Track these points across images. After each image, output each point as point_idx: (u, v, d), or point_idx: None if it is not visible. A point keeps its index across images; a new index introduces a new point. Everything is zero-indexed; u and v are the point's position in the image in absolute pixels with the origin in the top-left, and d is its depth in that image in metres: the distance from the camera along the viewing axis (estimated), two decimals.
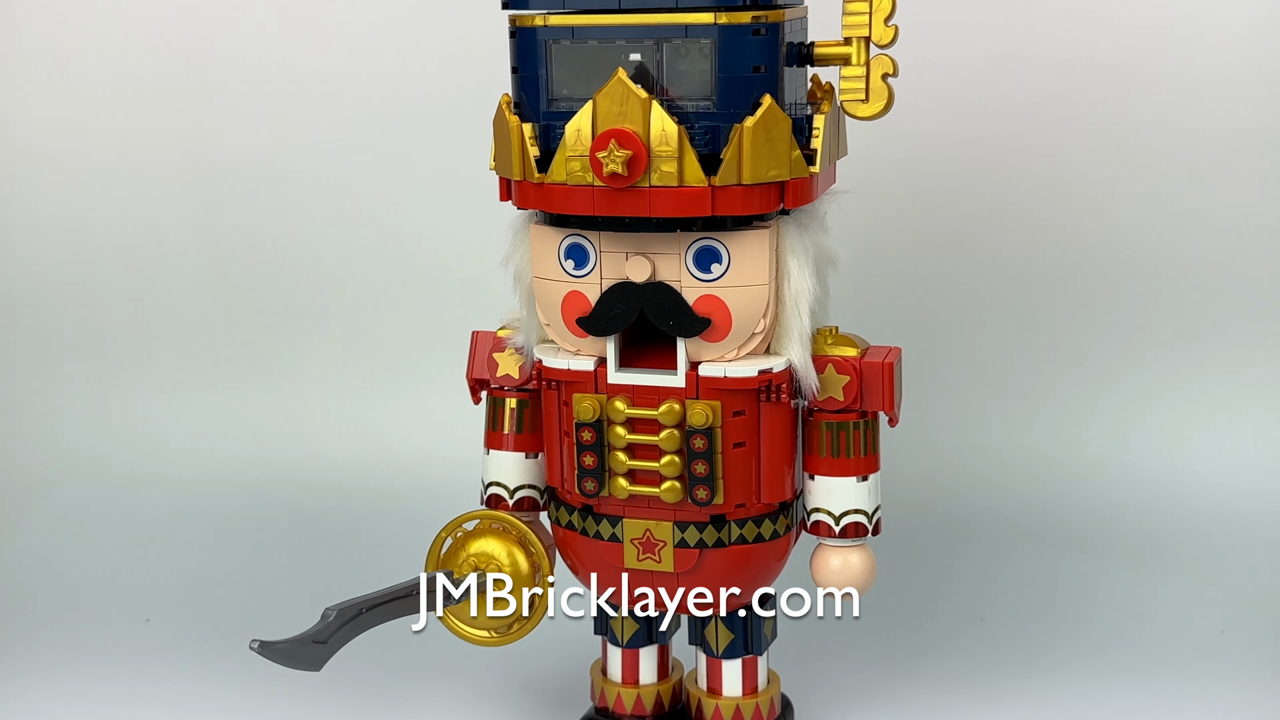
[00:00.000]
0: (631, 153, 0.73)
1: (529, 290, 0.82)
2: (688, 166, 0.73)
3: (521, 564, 0.84)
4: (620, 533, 0.81)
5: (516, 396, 0.86)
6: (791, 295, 0.78)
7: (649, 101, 0.73)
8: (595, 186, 0.74)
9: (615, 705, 0.89)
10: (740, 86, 0.74)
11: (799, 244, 0.78)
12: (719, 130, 0.74)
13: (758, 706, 0.88)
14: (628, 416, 0.79)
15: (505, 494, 0.86)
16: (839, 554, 0.82)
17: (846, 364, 0.80)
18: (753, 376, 0.78)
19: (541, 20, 0.76)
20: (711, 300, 0.77)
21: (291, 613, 0.92)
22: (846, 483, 0.81)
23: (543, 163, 0.77)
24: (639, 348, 0.80)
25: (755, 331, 0.78)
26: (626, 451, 0.79)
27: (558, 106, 0.77)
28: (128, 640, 1.08)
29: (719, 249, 0.76)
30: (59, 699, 1.00)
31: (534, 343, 0.83)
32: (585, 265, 0.78)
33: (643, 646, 0.89)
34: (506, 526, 0.85)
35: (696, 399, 0.78)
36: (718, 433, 0.78)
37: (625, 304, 0.77)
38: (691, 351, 0.78)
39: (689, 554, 0.81)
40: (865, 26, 0.78)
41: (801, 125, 0.78)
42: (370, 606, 0.78)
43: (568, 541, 0.84)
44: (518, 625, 0.86)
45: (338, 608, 0.76)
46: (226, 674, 1.01)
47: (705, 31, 0.74)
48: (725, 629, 0.86)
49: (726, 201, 0.74)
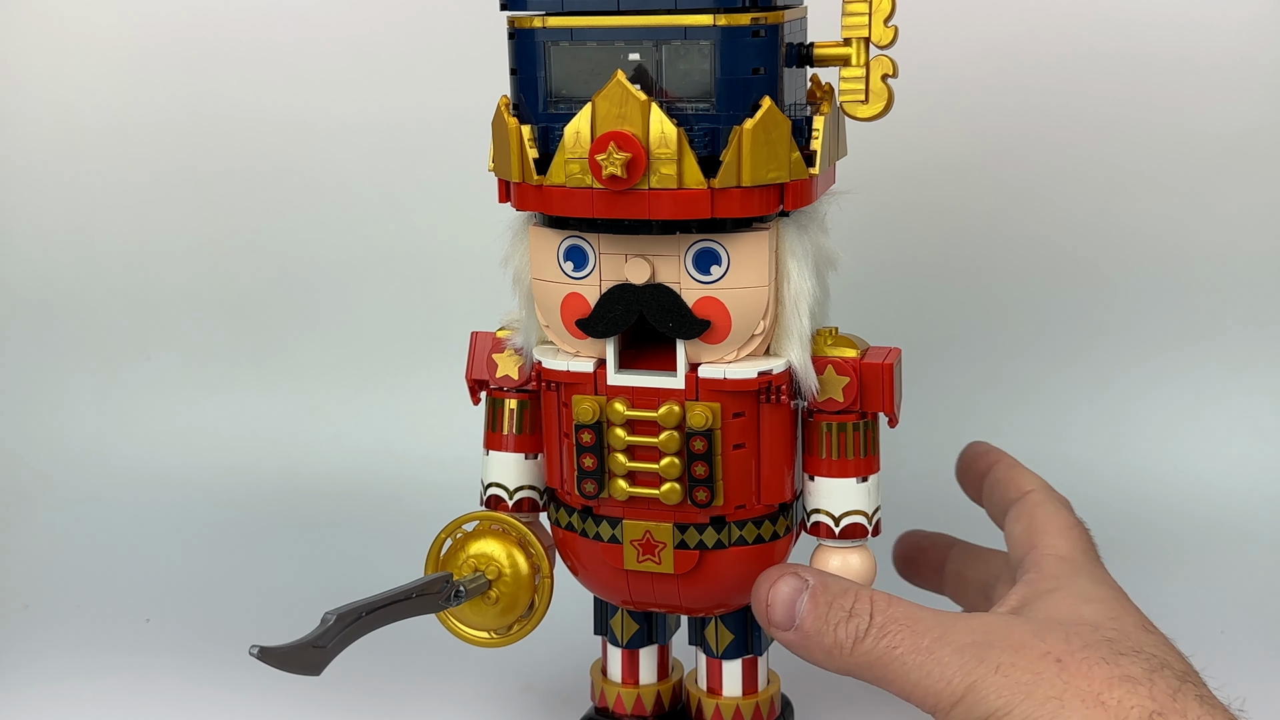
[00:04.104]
0: (631, 155, 0.72)
1: (528, 291, 0.82)
2: (687, 169, 0.73)
3: (521, 565, 0.84)
4: (620, 534, 0.81)
5: (516, 397, 0.86)
6: (791, 297, 0.78)
7: (648, 104, 0.73)
8: (594, 189, 0.74)
9: (615, 705, 0.89)
10: (740, 88, 0.74)
11: (798, 245, 0.78)
12: (718, 132, 0.74)
13: (758, 706, 0.88)
14: (627, 418, 0.79)
15: (505, 495, 0.86)
16: (839, 555, 0.82)
17: (846, 365, 0.80)
18: (752, 378, 0.78)
19: (540, 22, 0.76)
20: (711, 302, 0.77)
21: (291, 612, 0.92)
22: (846, 484, 0.81)
23: (541, 164, 0.77)
24: (638, 349, 0.80)
25: (755, 333, 0.78)
26: (626, 453, 0.79)
27: (556, 108, 0.77)
28: (128, 640, 1.08)
29: (718, 251, 0.76)
30: (59, 699, 1.00)
31: (533, 344, 0.83)
32: (584, 267, 0.78)
33: (643, 647, 0.89)
34: (506, 528, 0.85)
35: (696, 401, 0.78)
36: (717, 434, 0.78)
37: (625, 306, 0.77)
38: (691, 353, 0.78)
39: (689, 555, 0.81)
40: (865, 27, 0.78)
41: (801, 126, 0.78)
42: (370, 610, 0.78)
43: (567, 543, 0.84)
44: (518, 626, 0.86)
45: (337, 612, 0.76)
46: (226, 674, 1.01)
47: (705, 33, 0.74)
48: (725, 629, 0.86)
49: (726, 203, 0.74)
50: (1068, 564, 0.79)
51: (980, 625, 0.72)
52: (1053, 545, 0.81)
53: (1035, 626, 0.72)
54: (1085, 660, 0.69)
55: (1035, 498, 0.86)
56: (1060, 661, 0.69)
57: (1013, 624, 0.72)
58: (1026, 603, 0.76)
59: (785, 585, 0.75)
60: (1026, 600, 0.76)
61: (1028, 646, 0.70)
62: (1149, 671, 0.69)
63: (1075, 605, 0.75)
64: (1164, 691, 0.68)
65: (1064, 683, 0.68)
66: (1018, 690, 0.68)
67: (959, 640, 0.71)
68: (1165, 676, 0.69)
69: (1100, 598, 0.76)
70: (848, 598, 0.74)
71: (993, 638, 0.71)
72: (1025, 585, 0.78)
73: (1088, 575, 0.78)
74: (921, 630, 0.71)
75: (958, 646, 0.70)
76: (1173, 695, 0.68)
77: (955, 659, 0.70)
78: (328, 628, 0.76)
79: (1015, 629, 0.71)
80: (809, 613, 0.74)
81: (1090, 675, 0.68)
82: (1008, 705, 0.67)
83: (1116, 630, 0.72)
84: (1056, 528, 0.83)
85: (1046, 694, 0.67)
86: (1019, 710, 0.67)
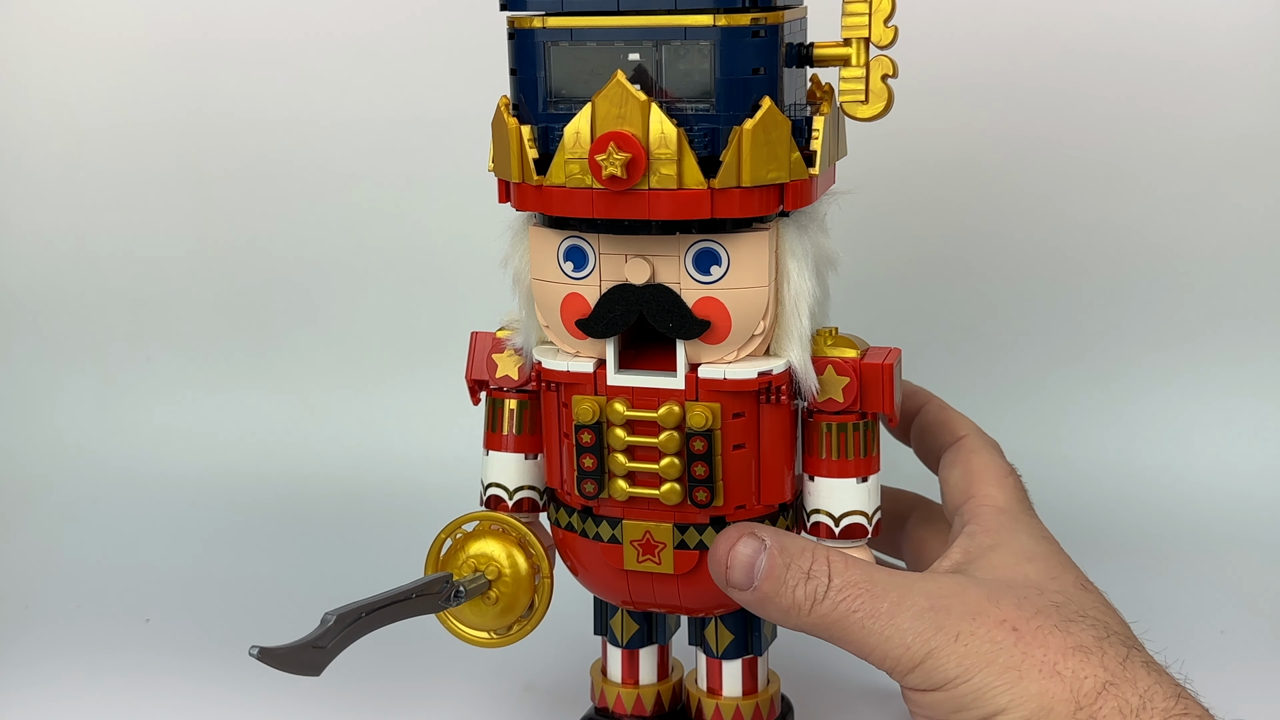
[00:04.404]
0: (630, 155, 0.72)
1: (528, 291, 0.82)
2: (687, 169, 0.73)
3: (521, 565, 0.84)
4: (620, 534, 0.81)
5: (516, 398, 0.86)
6: (791, 297, 0.78)
7: (648, 104, 0.73)
8: (594, 189, 0.74)
9: (615, 705, 0.89)
10: (740, 88, 0.74)
11: (798, 246, 0.78)
12: (718, 132, 0.74)
13: (758, 706, 0.88)
14: (627, 418, 0.79)
15: (505, 495, 0.86)
16: None
17: (846, 365, 0.80)
18: (752, 378, 0.78)
19: (540, 22, 0.76)
20: (711, 302, 0.77)
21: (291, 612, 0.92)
22: (846, 484, 0.81)
23: (541, 165, 0.77)
24: (638, 349, 0.80)
25: (755, 333, 0.78)
26: (626, 453, 0.79)
27: (556, 108, 0.77)
28: (128, 640, 1.08)
29: (718, 251, 0.76)
30: (59, 699, 1.00)
31: (533, 344, 0.83)
32: (584, 267, 0.78)
33: (643, 647, 0.89)
34: (506, 528, 0.85)
35: (696, 401, 0.78)
36: (717, 434, 0.78)
37: (625, 306, 0.77)
38: (691, 353, 0.78)
39: (689, 556, 0.81)
40: (865, 27, 0.78)
41: (801, 127, 0.78)
42: (370, 610, 0.78)
43: (567, 543, 0.84)
44: (518, 626, 0.86)
45: (337, 612, 0.76)
46: (226, 674, 1.01)
47: (705, 33, 0.73)
48: (725, 629, 0.86)
49: (726, 204, 0.74)
50: (1007, 516, 0.81)
51: (936, 588, 0.74)
52: (990, 495, 0.82)
53: (988, 590, 0.74)
54: (1040, 629, 0.71)
55: (970, 443, 0.87)
56: (1016, 630, 0.71)
57: (967, 587, 0.74)
58: (970, 558, 0.78)
59: (744, 546, 0.76)
60: (970, 555, 0.78)
61: (984, 613, 0.72)
62: (1098, 639, 0.72)
63: (1018, 564, 0.77)
64: (1114, 660, 0.71)
65: (1021, 653, 0.70)
66: (977, 659, 0.70)
67: (917, 605, 0.72)
68: (1113, 644, 0.72)
69: (1041, 555, 0.78)
70: (805, 558, 0.75)
71: (950, 602, 0.72)
72: (967, 539, 0.80)
73: (1026, 529, 0.80)
74: (879, 594, 0.73)
75: (916, 611, 0.72)
76: (1122, 663, 0.71)
77: (913, 624, 0.72)
78: (328, 628, 0.76)
79: (970, 593, 0.73)
80: (767, 573, 0.75)
81: (1046, 644, 0.71)
82: (966, 673, 0.70)
83: (1061, 593, 0.75)
84: (993, 476, 0.84)
85: (1005, 664, 0.70)
86: (977, 679, 0.70)
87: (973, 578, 0.76)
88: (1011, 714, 0.69)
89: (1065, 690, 0.69)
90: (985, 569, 0.77)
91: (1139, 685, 0.70)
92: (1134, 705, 0.69)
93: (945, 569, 0.78)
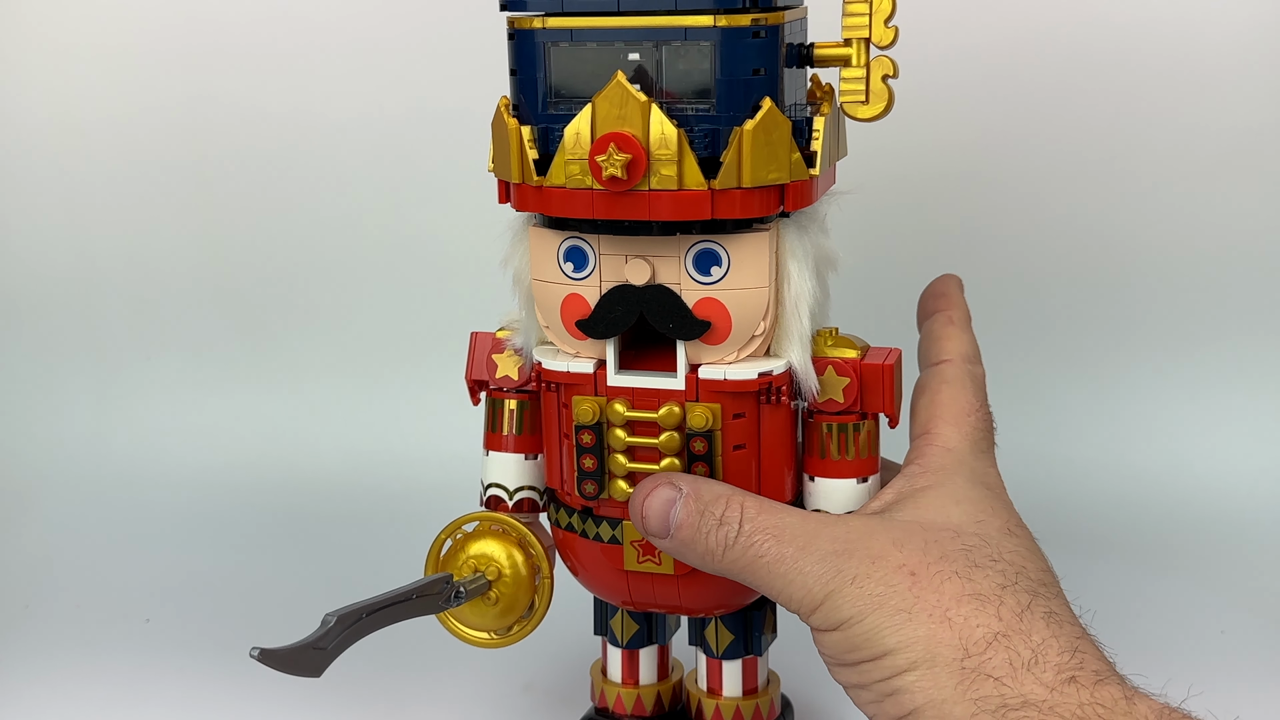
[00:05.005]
0: (631, 156, 0.72)
1: (528, 292, 0.82)
2: (687, 170, 0.73)
3: (521, 566, 0.84)
4: (620, 535, 0.81)
5: (516, 398, 0.86)
6: (791, 297, 0.78)
7: (648, 104, 0.73)
8: (594, 189, 0.74)
9: (615, 705, 0.89)
10: (740, 89, 0.74)
11: (799, 246, 0.78)
12: (718, 133, 0.74)
13: (758, 707, 0.88)
14: (627, 419, 0.79)
15: (505, 495, 0.86)
16: None
17: (847, 366, 0.80)
18: (753, 379, 0.78)
19: (540, 22, 0.76)
20: (711, 303, 0.77)
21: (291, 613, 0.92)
22: (847, 484, 0.81)
23: (541, 165, 0.76)
24: (638, 350, 0.80)
25: (755, 334, 0.78)
26: (626, 454, 0.79)
27: (556, 109, 0.77)
28: (128, 640, 1.08)
29: (719, 252, 0.76)
30: (59, 699, 1.00)
31: (533, 344, 0.83)
32: (584, 268, 0.78)
33: (643, 647, 0.89)
34: (506, 528, 0.85)
35: (696, 401, 0.78)
36: (718, 435, 0.78)
37: (625, 307, 0.77)
38: (691, 354, 0.78)
39: None
40: (865, 28, 0.78)
41: (801, 127, 0.78)
42: (370, 611, 0.78)
43: (567, 543, 0.84)
44: (518, 626, 0.86)
45: (338, 613, 0.76)
46: (226, 674, 1.01)
47: (705, 34, 0.73)
48: (725, 629, 0.86)
49: (726, 204, 0.74)
50: (951, 457, 0.80)
51: (843, 533, 0.74)
52: (942, 434, 0.82)
53: (896, 535, 0.74)
54: (939, 574, 0.72)
55: (945, 371, 0.85)
56: (914, 575, 0.72)
57: (875, 531, 0.75)
58: (900, 498, 0.78)
59: (660, 494, 0.77)
60: (902, 496, 0.78)
61: (884, 557, 0.73)
62: (1000, 587, 0.72)
63: (945, 506, 0.77)
64: (1011, 610, 0.71)
65: (914, 597, 0.71)
66: (869, 601, 0.71)
67: (822, 549, 0.73)
68: (1016, 592, 0.72)
69: (971, 499, 0.78)
70: (719, 505, 0.76)
71: (853, 546, 0.73)
72: (904, 479, 0.80)
73: (967, 472, 0.80)
74: (787, 539, 0.74)
75: (820, 555, 0.73)
76: (1019, 615, 0.71)
77: (816, 568, 0.73)
78: (328, 629, 0.76)
79: (876, 537, 0.74)
80: (682, 521, 0.76)
81: (940, 590, 0.71)
82: (860, 615, 0.71)
83: (979, 537, 0.75)
84: (954, 413, 0.83)
85: (896, 606, 0.71)
86: (869, 620, 0.71)
87: (889, 520, 0.76)
88: (899, 656, 0.70)
89: (954, 636, 0.70)
90: (909, 510, 0.77)
91: (1033, 638, 0.70)
92: (1025, 659, 0.69)
93: (872, 509, 0.79)
